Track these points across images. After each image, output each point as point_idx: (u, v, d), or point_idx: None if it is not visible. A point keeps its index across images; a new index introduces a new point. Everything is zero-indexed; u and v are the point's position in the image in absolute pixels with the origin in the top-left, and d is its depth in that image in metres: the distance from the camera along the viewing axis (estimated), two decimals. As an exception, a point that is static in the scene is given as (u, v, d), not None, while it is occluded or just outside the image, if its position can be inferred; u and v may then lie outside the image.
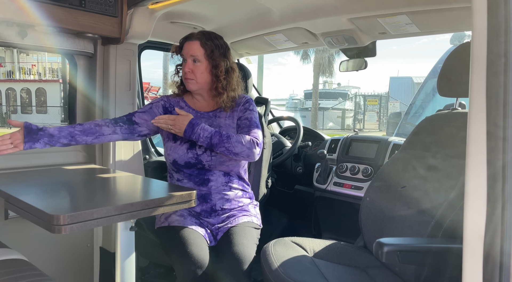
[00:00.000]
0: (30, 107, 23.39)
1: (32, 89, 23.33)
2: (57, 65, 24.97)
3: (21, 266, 1.32)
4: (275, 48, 2.38)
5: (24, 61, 25.79)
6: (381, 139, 2.20)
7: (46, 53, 24.81)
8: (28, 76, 24.66)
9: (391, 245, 1.07)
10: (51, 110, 22.62)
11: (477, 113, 0.86)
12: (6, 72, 24.33)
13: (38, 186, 1.60)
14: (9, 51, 24.23)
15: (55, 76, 24.66)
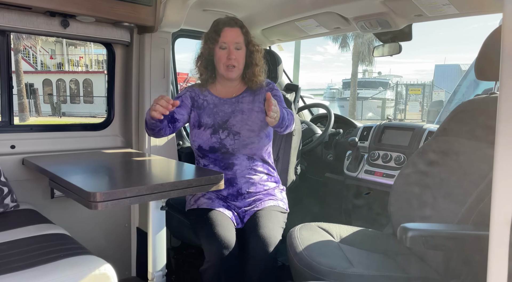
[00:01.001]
0: (78, 97, 24.65)
1: (79, 80, 24.55)
2: (103, 57, 26.09)
3: (63, 240, 1.42)
4: (306, 34, 2.36)
5: (73, 53, 27.15)
6: (415, 127, 2.13)
7: (93, 45, 25.99)
8: (76, 68, 25.97)
9: (416, 230, 1.05)
10: (97, 100, 23.71)
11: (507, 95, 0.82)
12: (56, 64, 25.76)
13: (79, 167, 1.72)
14: (59, 44, 25.60)
15: (101, 68, 25.77)
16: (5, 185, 1.66)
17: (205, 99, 1.81)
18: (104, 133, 2.24)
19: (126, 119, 2.27)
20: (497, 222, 0.84)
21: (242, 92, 1.83)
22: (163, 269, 1.48)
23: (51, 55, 25.91)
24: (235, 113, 1.78)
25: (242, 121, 1.76)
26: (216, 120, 1.76)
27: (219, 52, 1.74)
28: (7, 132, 1.90)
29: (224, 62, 1.73)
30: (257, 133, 1.76)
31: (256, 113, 1.77)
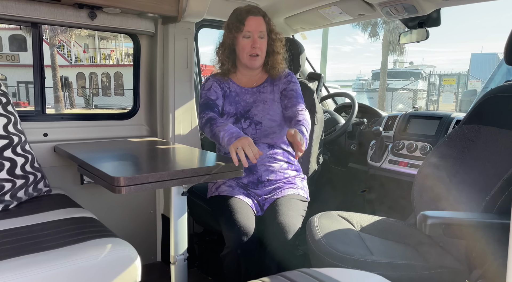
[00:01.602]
0: (109, 90, 25.42)
1: (111, 73, 25.28)
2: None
3: (92, 223, 1.49)
4: (330, 22, 2.32)
5: (104, 47, 27.95)
6: (443, 115, 2.06)
7: (123, 39, 26.65)
8: (107, 61, 26.74)
9: (436, 217, 1.03)
10: (127, 92, 24.36)
11: None
12: (89, 58, 26.62)
13: (106, 154, 1.79)
14: (91, 38, 26.42)
15: (130, 61, 26.41)
16: (38, 170, 1.75)
17: (228, 87, 1.82)
18: (130, 123, 2.31)
19: (151, 109, 2.33)
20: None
21: (263, 82, 1.84)
22: (184, 253, 1.52)
23: (84, 49, 26.80)
24: (256, 103, 1.79)
25: (263, 111, 1.77)
26: (238, 109, 1.78)
27: (243, 41, 1.73)
28: (40, 121, 1.99)
29: (248, 51, 1.73)
30: (279, 123, 1.77)
31: (277, 104, 1.79)
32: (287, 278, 1.09)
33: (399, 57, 24.31)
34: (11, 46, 23.51)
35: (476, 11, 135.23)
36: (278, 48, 1.80)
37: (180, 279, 1.52)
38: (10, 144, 1.64)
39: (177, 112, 2.23)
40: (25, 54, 22.77)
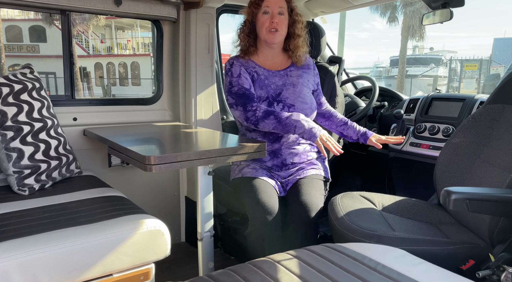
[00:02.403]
0: (126, 80, 25.75)
1: (127, 63, 25.56)
2: (148, 40, 26.87)
3: (123, 201, 1.57)
4: (351, 4, 2.30)
5: (121, 37, 28.21)
6: (466, 97, 2.05)
7: (139, 29, 26.84)
8: (124, 51, 27.01)
9: (460, 193, 1.05)
10: (144, 82, 24.62)
11: None
12: (106, 48, 26.94)
13: (133, 137, 1.85)
14: (108, 28, 26.69)
15: (147, 51, 26.61)
16: (70, 152, 1.83)
17: (255, 71, 1.81)
18: (154, 108, 2.37)
19: (173, 94, 2.39)
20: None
21: (289, 66, 1.85)
22: (210, 230, 1.58)
23: (101, 39, 27.12)
24: (286, 86, 1.80)
25: (294, 94, 1.78)
26: (269, 93, 1.78)
27: (262, 17, 1.75)
28: (70, 106, 2.08)
29: (267, 26, 1.74)
30: (310, 105, 1.80)
31: (306, 89, 1.82)
32: (312, 252, 1.14)
33: (419, 42, 23.79)
34: (31, 38, 23.98)
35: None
36: (299, 30, 1.81)
37: (207, 254, 1.59)
38: (44, 126, 1.72)
39: (199, 97, 2.28)
40: (45, 45, 23.22)
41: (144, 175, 2.27)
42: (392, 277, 0.97)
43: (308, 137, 1.61)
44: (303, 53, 1.84)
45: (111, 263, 1.26)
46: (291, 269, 1.02)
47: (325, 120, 1.94)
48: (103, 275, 1.26)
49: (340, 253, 1.11)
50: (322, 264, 1.04)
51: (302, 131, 1.60)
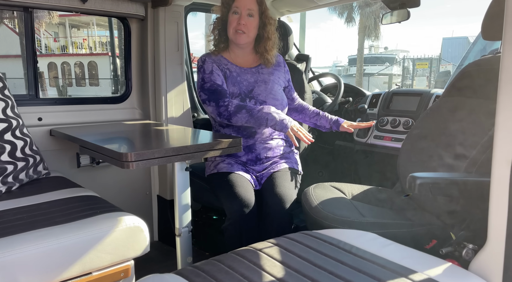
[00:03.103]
0: (83, 80, 24.72)
1: (84, 62, 24.54)
2: (106, 39, 25.96)
3: (97, 200, 1.55)
4: (315, 4, 2.39)
5: (76, 35, 27.03)
6: (423, 92, 2.20)
7: (96, 27, 25.85)
8: (80, 51, 25.91)
9: (424, 178, 1.14)
10: (103, 82, 23.76)
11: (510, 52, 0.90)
12: (60, 47, 25.71)
13: (104, 136, 1.83)
14: (62, 26, 25.48)
15: (105, 50, 25.69)
16: (37, 153, 1.78)
17: (227, 68, 1.84)
18: (123, 106, 2.34)
19: (143, 93, 2.37)
20: (499, 162, 0.93)
21: (260, 64, 1.90)
22: (188, 225, 1.60)
23: (54, 38, 25.85)
24: (258, 83, 1.85)
25: (266, 91, 1.83)
26: (241, 89, 1.82)
27: (231, 17, 1.78)
28: (34, 105, 2.00)
29: (234, 26, 1.77)
30: (281, 102, 1.86)
31: (277, 86, 1.87)
32: (291, 239, 1.20)
33: (374, 42, 24.73)
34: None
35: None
36: (269, 33, 1.83)
37: (185, 249, 1.60)
38: (9, 127, 1.66)
39: (169, 95, 2.28)
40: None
41: (115, 174, 2.24)
42: (366, 258, 1.04)
43: (280, 128, 1.64)
44: (272, 57, 1.87)
45: (90, 261, 1.25)
46: (273, 255, 1.07)
47: (298, 114, 2.00)
48: (82, 273, 1.25)
49: (317, 239, 1.18)
50: (301, 250, 1.10)
51: (274, 123, 1.64)
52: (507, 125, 0.91)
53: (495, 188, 0.95)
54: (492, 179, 0.95)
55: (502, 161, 0.93)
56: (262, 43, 1.84)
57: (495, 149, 0.94)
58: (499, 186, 0.94)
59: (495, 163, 0.94)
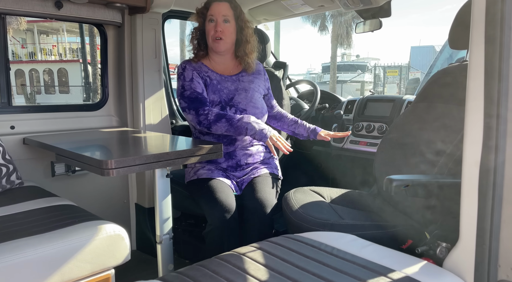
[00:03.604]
0: (53, 87, 23.98)
1: (54, 69, 23.84)
2: (77, 45, 25.33)
3: (74, 209, 1.51)
4: (292, 13, 2.45)
5: (45, 42, 26.25)
6: (396, 98, 2.29)
7: (66, 33, 25.20)
8: (49, 57, 25.16)
9: (400, 180, 1.19)
10: (73, 90, 23.14)
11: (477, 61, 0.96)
12: (28, 54, 24.88)
13: (81, 144, 1.80)
14: (30, 32, 24.70)
15: (75, 57, 25.05)
16: (10, 162, 1.72)
17: (208, 76, 1.84)
18: (99, 114, 2.30)
19: (120, 100, 2.34)
20: (468, 164, 0.99)
21: (241, 72, 1.91)
22: (169, 232, 1.59)
23: (22, 44, 25.00)
24: (238, 91, 1.85)
25: (246, 99, 1.84)
26: (222, 97, 1.81)
27: (208, 25, 1.80)
28: (7, 113, 1.94)
29: (212, 34, 1.78)
30: (261, 110, 1.87)
31: (258, 94, 1.89)
32: (274, 243, 1.22)
33: (347, 50, 25.37)
34: None
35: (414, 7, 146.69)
36: (247, 36, 1.85)
37: (167, 257, 1.59)
38: (-19, 135, 1.60)
39: (147, 102, 2.26)
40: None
41: (92, 183, 2.19)
42: (346, 259, 1.08)
43: (260, 138, 1.67)
44: (253, 60, 1.89)
45: (69, 271, 1.22)
46: (257, 259, 1.08)
47: (277, 122, 2.04)
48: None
49: (299, 242, 1.20)
50: (284, 253, 1.12)
51: (253, 133, 1.66)
52: (474, 129, 0.97)
53: (465, 188, 1.00)
54: (463, 180, 1.00)
55: (471, 162, 0.98)
56: (241, 47, 1.85)
57: (464, 151, 1.00)
58: (469, 186, 0.99)
59: (464, 164, 1.00)
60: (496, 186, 0.95)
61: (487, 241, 0.96)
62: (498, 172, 0.94)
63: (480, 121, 0.96)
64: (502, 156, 0.93)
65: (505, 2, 0.89)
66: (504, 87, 0.92)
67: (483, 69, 0.95)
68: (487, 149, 0.94)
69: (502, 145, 0.93)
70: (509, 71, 0.90)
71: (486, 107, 0.94)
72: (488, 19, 0.92)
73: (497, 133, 0.93)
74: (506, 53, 0.90)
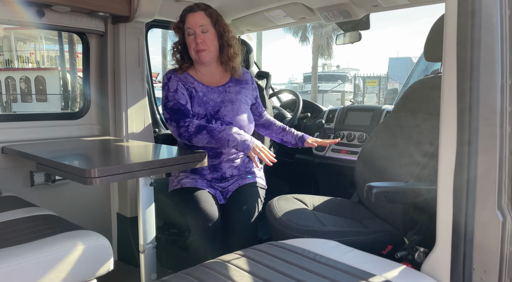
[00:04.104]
0: (30, 96, 23.39)
1: (31, 77, 23.29)
2: (55, 53, 24.85)
3: (55, 219, 1.49)
4: (274, 24, 2.51)
5: (22, 49, 25.65)
6: (375, 108, 2.36)
7: (44, 41, 24.72)
8: (26, 65, 24.58)
9: (379, 187, 1.23)
10: (51, 98, 22.63)
11: (450, 74, 1.02)
12: (4, 61, 24.25)
13: (62, 153, 1.78)
14: (7, 39, 24.11)
15: (54, 64, 24.55)
16: (-13, 172, 1.68)
17: (193, 87, 1.80)
18: (81, 122, 2.28)
19: (102, 108, 2.32)
20: (443, 171, 1.03)
21: (228, 82, 1.87)
22: (153, 241, 1.58)
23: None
24: (225, 103, 1.81)
25: (233, 112, 1.80)
26: (207, 110, 1.78)
27: (188, 38, 1.76)
28: (-16, 122, 1.90)
29: (193, 47, 1.74)
30: (247, 123, 1.84)
31: (244, 105, 1.86)
32: (258, 250, 1.23)
33: (327, 61, 25.81)
34: None
35: (392, 20, 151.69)
36: (230, 40, 1.80)
37: (150, 267, 1.58)
38: (-43, 144, 1.56)
39: (130, 110, 2.25)
40: None
41: (72, 192, 2.16)
42: (329, 264, 1.10)
43: (242, 149, 1.64)
44: (238, 65, 1.86)
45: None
46: (241, 266, 1.10)
47: (265, 130, 2.04)
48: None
49: (282, 248, 1.22)
50: (269, 260, 1.14)
51: (236, 144, 1.63)
52: (449, 138, 1.02)
53: (441, 194, 1.05)
54: (438, 186, 1.05)
55: (446, 170, 1.03)
56: (224, 52, 1.81)
57: (440, 159, 1.04)
58: (444, 192, 1.04)
59: (440, 172, 1.04)
60: (469, 192, 1.00)
61: (462, 246, 1.01)
62: (471, 179, 0.99)
63: (454, 131, 1.01)
64: (474, 163, 0.98)
65: (475, 20, 0.95)
66: (475, 100, 0.97)
67: (455, 82, 1.01)
68: (461, 157, 0.99)
69: (474, 153, 0.98)
70: (479, 85, 0.96)
71: (459, 117, 0.99)
72: (459, 37, 0.97)
73: (470, 142, 0.98)
74: (476, 67, 0.95)
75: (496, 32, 0.94)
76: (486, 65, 0.95)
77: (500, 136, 0.95)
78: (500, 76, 0.95)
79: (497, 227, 0.96)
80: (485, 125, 0.96)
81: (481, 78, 0.96)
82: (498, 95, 0.95)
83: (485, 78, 0.95)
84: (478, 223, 0.99)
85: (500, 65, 0.94)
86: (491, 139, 0.96)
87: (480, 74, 0.96)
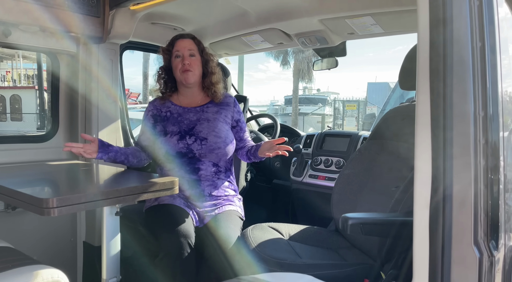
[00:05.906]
0: (4, 115, 22.73)
1: (6, 96, 22.70)
2: (33, 72, 24.39)
3: (10, 252, 1.37)
4: (252, 49, 2.50)
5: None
6: (352, 134, 2.35)
7: (22, 60, 24.28)
8: (2, 83, 23.98)
9: (355, 218, 1.19)
10: (27, 117, 22.04)
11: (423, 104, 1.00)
12: (-21, 79, 23.61)
13: (23, 178, 1.67)
14: (-18, 57, 23.58)
15: (31, 83, 24.04)
16: None
17: (168, 110, 1.90)
18: (48, 145, 2.17)
19: (71, 131, 2.22)
20: (419, 204, 1.00)
21: (207, 103, 1.93)
22: (117, 275, 1.48)
23: (-28, 69, 23.73)
24: (200, 121, 1.85)
25: (208, 128, 1.83)
26: (181, 128, 1.84)
27: (175, 61, 1.86)
28: None
29: (180, 68, 1.84)
30: (224, 139, 1.83)
31: (221, 124, 1.86)
32: (228, 286, 1.15)
33: (308, 84, 26.30)
34: None
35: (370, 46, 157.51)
36: (213, 68, 1.92)
37: (113, 303, 1.47)
38: None
39: (101, 133, 2.17)
40: None
41: (35, 220, 2.02)
42: (303, 302, 1.04)
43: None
44: (219, 90, 1.93)
45: (-3, 326, 1.08)
46: (208, 305, 1.02)
47: (239, 154, 1.98)
48: None
49: (254, 284, 1.15)
50: (239, 297, 1.06)
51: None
52: (424, 170, 0.99)
53: (417, 228, 1.01)
54: (414, 220, 1.01)
55: (422, 203, 0.99)
56: (207, 78, 1.91)
57: (415, 192, 1.01)
58: (420, 226, 1.00)
59: (415, 205, 1.01)
60: (445, 226, 0.96)
61: (439, 281, 0.96)
62: (446, 213, 0.95)
63: (429, 164, 0.98)
64: (449, 196, 0.95)
65: (447, 50, 0.94)
66: (448, 132, 0.95)
67: (429, 115, 0.99)
68: (436, 190, 0.96)
69: (449, 186, 0.95)
70: (453, 116, 0.94)
71: (434, 150, 0.97)
72: (432, 68, 0.96)
73: (445, 174, 0.95)
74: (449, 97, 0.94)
75: (468, 64, 0.93)
76: (458, 96, 0.94)
77: (474, 168, 0.93)
78: (473, 108, 0.93)
79: (474, 263, 0.93)
80: (460, 156, 0.94)
81: (454, 108, 0.94)
82: (471, 127, 0.93)
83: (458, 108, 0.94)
84: (454, 259, 0.95)
85: (472, 97, 0.93)
86: (465, 171, 0.93)
87: (453, 105, 0.94)
